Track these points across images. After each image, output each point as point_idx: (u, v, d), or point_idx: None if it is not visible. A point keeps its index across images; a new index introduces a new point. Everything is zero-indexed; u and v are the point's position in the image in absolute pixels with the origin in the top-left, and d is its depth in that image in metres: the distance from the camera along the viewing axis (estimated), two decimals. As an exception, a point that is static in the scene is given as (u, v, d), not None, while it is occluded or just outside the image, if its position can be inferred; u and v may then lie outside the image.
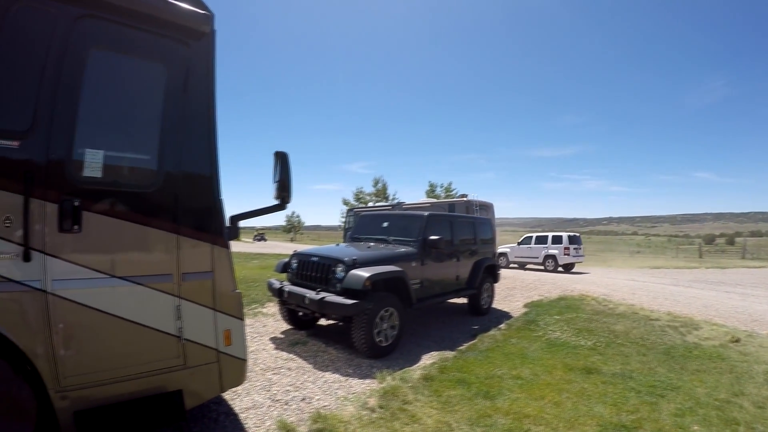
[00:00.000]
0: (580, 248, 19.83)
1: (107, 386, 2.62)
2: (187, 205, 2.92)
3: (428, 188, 41.26)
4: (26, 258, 2.34)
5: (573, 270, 20.10)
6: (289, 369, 4.84)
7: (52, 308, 2.43)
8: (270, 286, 6.34)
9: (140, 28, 2.75)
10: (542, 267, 19.99)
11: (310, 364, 5.09)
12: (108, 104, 2.77)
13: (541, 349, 5.88)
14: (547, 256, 19.79)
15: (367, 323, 5.28)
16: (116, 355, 2.66)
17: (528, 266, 20.92)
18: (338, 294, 5.45)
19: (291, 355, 5.35)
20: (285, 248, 25.39)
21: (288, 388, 4.27)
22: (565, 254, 19.31)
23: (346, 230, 22.75)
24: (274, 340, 6.04)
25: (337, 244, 7.91)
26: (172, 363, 2.83)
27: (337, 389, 4.34)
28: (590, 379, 4.73)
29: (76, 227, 2.48)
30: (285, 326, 6.75)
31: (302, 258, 6.32)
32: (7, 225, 2.32)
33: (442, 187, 40.96)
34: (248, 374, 4.42)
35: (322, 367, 5.02)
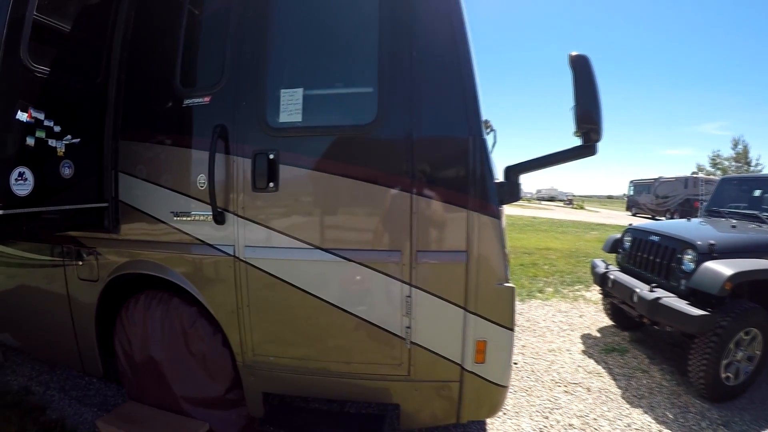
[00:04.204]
0: None
1: (303, 376, 2.37)
2: (428, 150, 2.12)
3: (806, 150, 30.41)
4: (218, 220, 2.25)
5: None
6: (588, 390, 3.74)
7: (243, 278, 2.28)
8: (593, 269, 5.13)
9: None
10: None
11: (618, 388, 3.77)
12: (306, 34, 2.36)
13: None
14: None
15: (714, 348, 3.45)
16: (316, 344, 2.34)
17: None
18: (681, 295, 3.78)
19: (598, 368, 4.16)
20: (632, 221, 21.07)
21: (573, 420, 3.26)
22: None
23: (628, 204, 22.11)
24: (585, 339, 4.93)
25: (689, 219, 5.64)
26: (390, 371, 2.28)
27: (641, 447, 2.98)
28: None
29: (271, 185, 2.19)
30: (605, 321, 5.41)
31: (638, 235, 4.77)
32: (201, 185, 2.28)
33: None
34: (534, 383, 3.80)
35: (633, 397, 3.61)
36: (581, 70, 2.07)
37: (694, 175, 22.82)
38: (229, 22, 2.31)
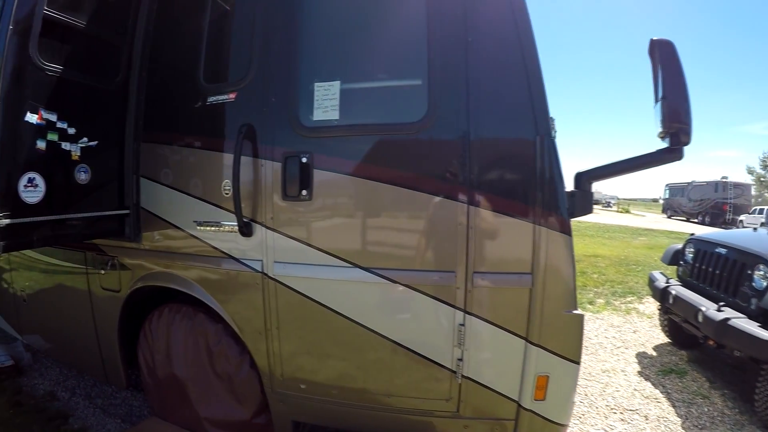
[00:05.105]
0: None
1: (337, 407, 2.13)
2: (487, 153, 1.83)
3: None
4: (244, 232, 2.01)
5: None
6: (645, 417, 3.37)
7: (272, 297, 2.05)
8: (651, 283, 4.69)
9: None
10: None
11: (678, 416, 3.38)
12: (344, 18, 2.10)
13: None
14: None
15: None
16: (352, 373, 2.11)
17: None
18: (752, 316, 3.36)
19: (656, 392, 3.77)
20: (689, 229, 19.98)
21: (632, 454, 2.96)
22: None
23: (664, 206, 23.79)
24: (641, 358, 4.50)
25: (755, 228, 5.01)
26: (436, 406, 2.02)
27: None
28: None
29: (304, 193, 1.94)
30: (661, 338, 4.96)
31: (702, 247, 4.30)
32: (226, 192, 2.06)
33: None
34: (587, 409, 3.48)
35: (694, 427, 3.24)
36: (667, 58, 1.74)
37: (724, 180, 25.27)
38: (257, 7, 2.05)
